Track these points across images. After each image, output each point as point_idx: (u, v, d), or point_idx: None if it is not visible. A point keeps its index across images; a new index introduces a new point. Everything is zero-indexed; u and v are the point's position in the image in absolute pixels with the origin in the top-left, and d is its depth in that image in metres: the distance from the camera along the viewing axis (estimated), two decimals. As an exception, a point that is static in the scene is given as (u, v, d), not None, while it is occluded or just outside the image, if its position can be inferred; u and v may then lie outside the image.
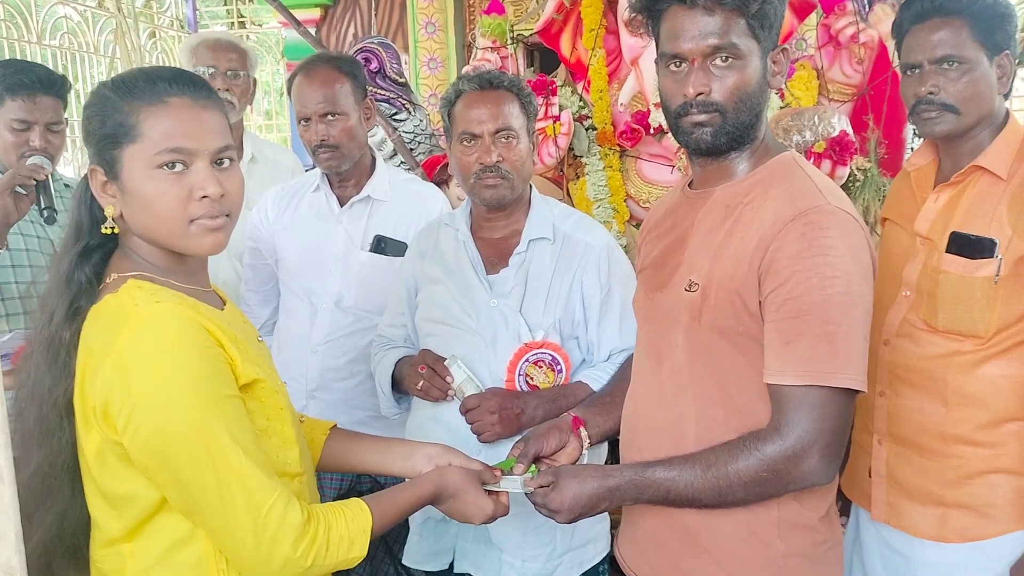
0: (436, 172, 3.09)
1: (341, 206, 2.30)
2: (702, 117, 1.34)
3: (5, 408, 0.93)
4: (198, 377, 1.14)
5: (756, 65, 1.34)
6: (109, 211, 1.23)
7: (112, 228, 1.24)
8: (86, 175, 1.25)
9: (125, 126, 1.19)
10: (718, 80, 1.33)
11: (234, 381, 1.20)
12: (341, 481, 2.27)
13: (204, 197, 1.20)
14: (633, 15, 1.42)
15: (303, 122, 2.20)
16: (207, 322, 1.19)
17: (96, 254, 1.26)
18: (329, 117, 2.17)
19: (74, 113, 4.51)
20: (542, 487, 1.43)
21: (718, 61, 1.32)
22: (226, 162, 1.24)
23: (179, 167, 1.19)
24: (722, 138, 1.36)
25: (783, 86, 2.81)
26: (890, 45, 2.83)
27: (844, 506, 1.95)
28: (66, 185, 2.42)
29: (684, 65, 1.35)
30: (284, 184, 2.44)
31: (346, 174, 2.28)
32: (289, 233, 2.34)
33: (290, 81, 2.26)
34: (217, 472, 1.13)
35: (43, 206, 2.11)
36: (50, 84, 2.22)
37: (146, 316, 1.15)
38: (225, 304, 1.36)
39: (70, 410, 1.20)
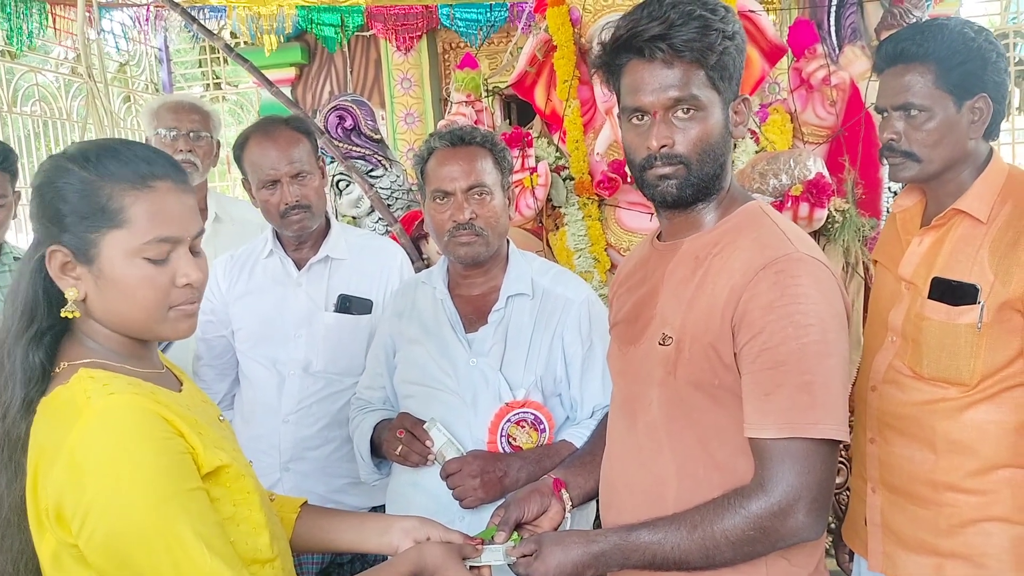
0: (415, 227, 3.07)
1: (298, 269, 2.25)
2: (667, 169, 1.33)
3: None
4: (156, 473, 1.08)
5: (718, 116, 1.33)
6: (71, 294, 1.16)
7: (73, 312, 1.17)
8: (40, 256, 1.18)
9: (108, 211, 1.13)
10: (681, 132, 1.32)
11: (196, 472, 1.13)
12: (322, 557, 2.18)
13: (187, 284, 1.17)
14: (594, 71, 1.42)
15: (269, 186, 2.13)
16: (165, 410, 1.13)
17: (47, 337, 1.19)
18: (300, 177, 2.13)
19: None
20: (525, 556, 1.38)
21: (680, 113, 1.32)
22: (199, 245, 1.22)
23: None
24: (688, 190, 1.35)
25: (757, 131, 2.82)
26: (862, 86, 2.85)
27: (851, 555, 1.91)
28: (16, 258, 2.35)
29: (646, 118, 1.34)
30: (231, 252, 2.36)
31: (304, 236, 2.23)
32: (245, 302, 2.26)
33: (238, 147, 2.19)
34: (180, 572, 1.07)
35: None
36: None
37: (99, 410, 1.09)
38: (183, 384, 1.30)
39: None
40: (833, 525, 2.49)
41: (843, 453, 2.44)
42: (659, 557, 1.29)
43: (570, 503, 1.60)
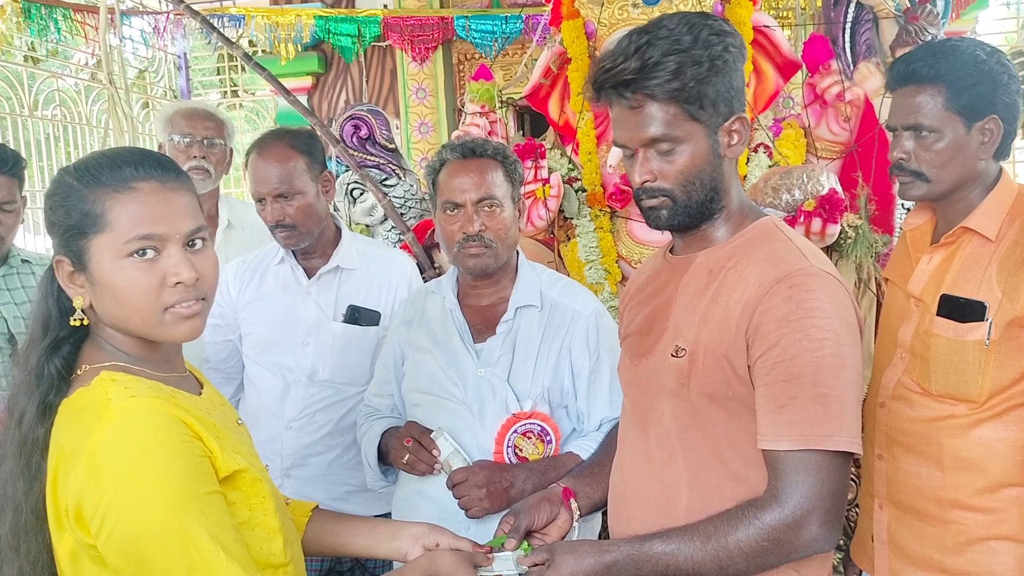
0: (428, 236, 3.08)
1: (309, 278, 2.25)
2: (653, 202, 1.36)
3: None
4: (174, 476, 1.09)
5: (702, 145, 1.33)
6: (78, 302, 1.18)
7: (82, 320, 1.19)
8: (51, 265, 1.21)
9: (91, 216, 1.15)
10: (663, 166, 1.34)
11: (214, 476, 1.14)
12: (321, 562, 2.19)
13: (178, 283, 1.16)
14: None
15: (259, 202, 2.15)
16: (184, 414, 1.15)
17: (66, 345, 1.20)
18: (283, 197, 2.12)
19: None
20: (537, 565, 1.37)
21: (662, 147, 1.33)
22: (199, 243, 1.20)
23: (150, 253, 1.15)
24: (677, 218, 1.37)
25: (770, 146, 2.82)
26: (876, 103, 2.85)
27: (860, 574, 1.90)
28: (23, 261, 2.38)
29: (631, 152, 1.36)
30: (243, 257, 2.37)
31: (310, 247, 2.23)
32: (255, 308, 2.27)
33: (246, 158, 2.21)
34: (195, 575, 1.08)
35: None
36: (1, 163, 2.20)
37: (120, 412, 1.10)
38: (203, 387, 1.32)
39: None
40: (843, 543, 2.47)
41: (852, 470, 2.43)
42: (672, 567, 1.29)
43: (578, 512, 1.60)
